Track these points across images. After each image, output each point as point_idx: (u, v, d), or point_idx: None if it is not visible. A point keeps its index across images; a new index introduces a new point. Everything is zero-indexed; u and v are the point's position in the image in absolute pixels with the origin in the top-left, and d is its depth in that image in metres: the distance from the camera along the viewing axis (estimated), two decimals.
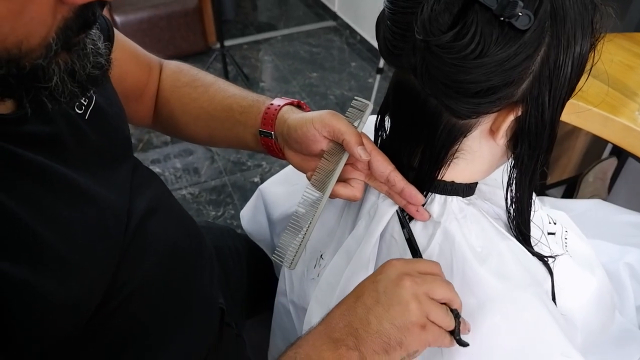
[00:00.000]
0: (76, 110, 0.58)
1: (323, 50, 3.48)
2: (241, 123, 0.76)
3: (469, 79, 0.46)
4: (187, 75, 0.84)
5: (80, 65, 0.47)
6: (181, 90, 0.82)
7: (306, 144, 0.64)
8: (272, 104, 0.72)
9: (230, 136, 0.79)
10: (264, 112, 0.72)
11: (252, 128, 0.74)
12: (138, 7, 2.98)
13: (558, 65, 0.48)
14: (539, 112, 0.50)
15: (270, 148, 0.73)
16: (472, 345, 0.53)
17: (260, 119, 0.72)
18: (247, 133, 0.75)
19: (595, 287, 0.74)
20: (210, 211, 2.19)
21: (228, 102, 0.78)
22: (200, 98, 0.80)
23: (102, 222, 0.56)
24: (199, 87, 0.81)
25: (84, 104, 0.59)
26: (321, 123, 0.62)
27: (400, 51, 0.51)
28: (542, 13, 0.45)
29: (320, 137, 0.63)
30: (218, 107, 0.79)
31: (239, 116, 0.76)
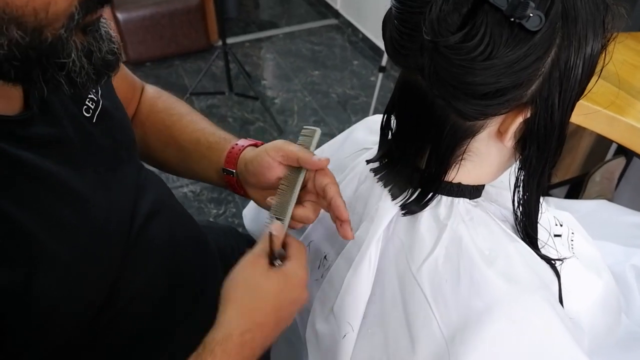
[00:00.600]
0: (84, 113, 0.59)
1: (325, 48, 3.47)
2: (206, 158, 0.78)
3: (477, 80, 0.45)
4: (165, 102, 0.86)
5: (97, 47, 0.48)
6: (157, 116, 0.84)
7: (262, 173, 0.67)
8: (237, 144, 0.76)
9: (195, 168, 0.81)
10: (228, 151, 0.75)
11: (217, 164, 0.76)
12: (140, 5, 2.98)
13: (569, 66, 0.47)
14: (548, 113, 0.50)
15: (232, 186, 0.76)
16: (479, 350, 0.52)
17: (224, 157, 0.75)
18: (211, 168, 0.78)
19: (602, 289, 0.74)
20: (211, 209, 2.19)
21: (196, 135, 0.81)
22: (173, 127, 0.82)
23: (105, 224, 0.57)
24: (174, 115, 0.84)
25: (92, 108, 0.60)
26: (274, 149, 0.65)
27: (407, 51, 0.50)
28: (554, 14, 0.44)
29: (275, 163, 0.65)
30: (187, 139, 0.81)
31: (206, 151, 0.79)
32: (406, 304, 0.59)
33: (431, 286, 0.57)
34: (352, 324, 0.61)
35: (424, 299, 0.57)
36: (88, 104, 0.60)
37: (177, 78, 3.11)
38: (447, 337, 0.55)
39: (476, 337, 0.53)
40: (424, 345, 0.56)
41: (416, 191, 0.60)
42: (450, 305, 0.56)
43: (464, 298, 0.55)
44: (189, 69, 3.20)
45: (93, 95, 0.62)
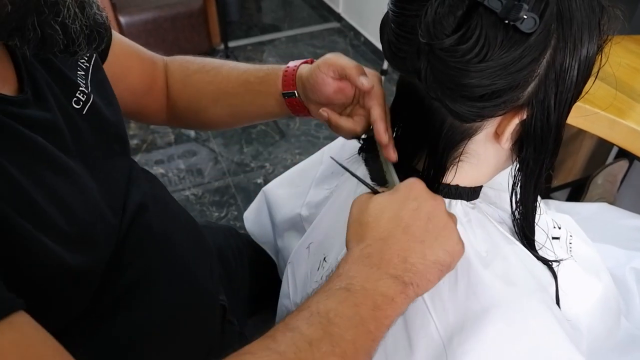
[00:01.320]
0: (74, 105, 0.60)
1: (327, 51, 3.42)
2: (262, 92, 0.78)
3: (473, 82, 0.46)
4: (195, 63, 0.86)
5: (88, 3, 0.50)
6: (193, 77, 0.84)
7: (318, 89, 0.68)
8: (289, 67, 0.76)
9: (252, 109, 0.81)
10: (283, 76, 0.75)
11: (275, 94, 0.77)
12: (143, 8, 2.99)
13: (564, 68, 0.47)
14: (544, 115, 0.50)
15: (295, 107, 0.76)
16: (477, 352, 0.53)
17: (280, 83, 0.76)
18: (270, 100, 0.78)
19: (601, 292, 0.74)
20: (213, 212, 2.19)
21: (245, 77, 0.81)
22: (215, 80, 0.82)
23: (97, 208, 0.58)
24: (210, 70, 0.84)
25: (82, 100, 0.61)
26: (325, 65, 0.67)
27: (404, 54, 0.50)
28: (548, 16, 0.44)
29: (328, 79, 0.67)
30: (235, 84, 0.81)
31: (259, 86, 0.79)
32: None
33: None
34: None
35: (422, 301, 0.57)
36: (78, 96, 0.61)
37: None
38: (445, 339, 0.55)
39: (474, 339, 0.53)
40: (422, 347, 0.56)
41: None
42: (447, 307, 0.56)
43: (461, 300, 0.55)
44: None
45: (83, 88, 0.63)
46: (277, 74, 0.77)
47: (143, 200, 0.69)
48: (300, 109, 0.76)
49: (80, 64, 0.64)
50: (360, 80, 0.63)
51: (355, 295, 0.46)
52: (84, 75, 0.65)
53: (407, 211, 0.51)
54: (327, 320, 0.44)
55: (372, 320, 0.46)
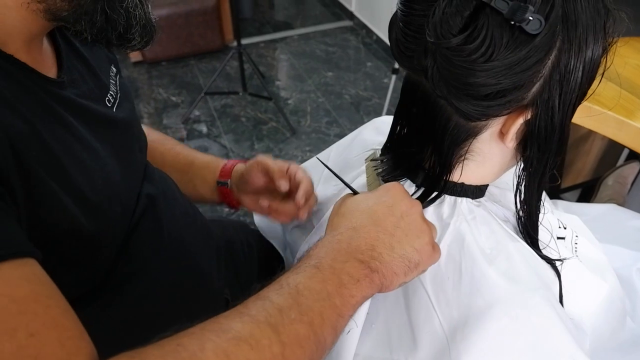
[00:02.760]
0: (105, 102, 0.67)
1: (339, 49, 3.48)
2: (199, 176, 0.91)
3: (478, 81, 0.46)
4: (157, 134, 0.98)
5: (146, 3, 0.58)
6: (151, 145, 0.91)
7: (253, 182, 0.83)
8: (228, 162, 0.90)
9: (188, 188, 0.91)
10: (222, 167, 0.90)
11: (210, 181, 0.90)
12: (157, 5, 3.01)
13: (569, 69, 0.48)
14: (548, 115, 0.51)
15: (224, 195, 0.90)
16: (479, 347, 0.53)
17: (219, 172, 0.89)
18: (205, 184, 0.91)
19: (606, 292, 0.74)
20: (223, 207, 2.20)
21: (190, 158, 0.94)
22: (167, 153, 0.94)
23: (116, 187, 0.63)
24: (167, 143, 0.96)
25: (112, 101, 0.69)
26: (256, 163, 0.82)
27: (412, 53, 0.51)
28: (554, 17, 0.45)
29: (259, 174, 0.81)
30: (182, 162, 0.93)
31: (200, 170, 0.92)
32: (409, 300, 0.60)
33: (433, 283, 0.59)
34: (356, 320, 0.62)
35: (426, 295, 0.58)
36: (109, 97, 0.68)
37: (192, 77, 3.14)
38: (448, 333, 0.56)
39: (476, 334, 0.54)
40: (426, 341, 0.57)
41: (420, 189, 0.61)
42: (451, 302, 0.57)
43: (465, 296, 0.56)
44: (204, 68, 3.24)
45: (113, 92, 0.70)
46: (218, 164, 0.90)
47: (155, 194, 0.74)
48: (229, 198, 0.89)
49: (111, 75, 0.72)
50: (279, 183, 0.77)
51: (323, 272, 0.49)
52: (114, 83, 0.72)
53: (381, 206, 0.54)
54: (296, 292, 0.47)
55: (337, 296, 0.48)
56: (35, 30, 0.55)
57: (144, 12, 0.57)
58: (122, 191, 0.65)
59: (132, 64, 3.20)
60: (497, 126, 0.54)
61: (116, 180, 0.63)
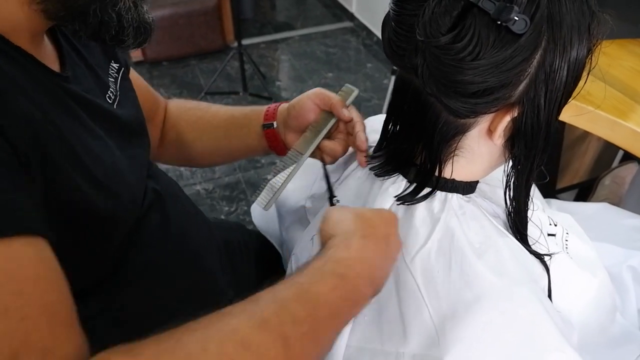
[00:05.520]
0: (107, 99, 0.68)
1: (339, 50, 3.49)
2: (244, 126, 0.89)
3: (466, 79, 0.48)
4: (192, 102, 0.99)
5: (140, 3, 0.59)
6: (188, 112, 0.95)
7: (302, 115, 0.79)
8: (271, 105, 0.88)
9: (234, 143, 0.92)
10: (266, 111, 0.87)
11: (256, 127, 0.87)
12: (159, 5, 3.03)
13: (554, 69, 0.49)
14: (534, 113, 0.52)
15: (271, 139, 0.86)
16: (467, 338, 0.55)
17: (262, 117, 0.87)
18: (251, 133, 0.88)
19: (596, 288, 0.75)
20: (223, 207, 2.22)
21: (230, 113, 0.93)
22: (205, 115, 0.94)
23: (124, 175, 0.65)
24: (203, 108, 0.96)
25: (112, 97, 0.70)
26: (314, 94, 0.78)
27: (403, 51, 0.53)
28: (539, 18, 0.46)
29: (314, 106, 0.78)
30: (222, 118, 0.93)
31: (242, 120, 0.90)
32: (399, 292, 0.61)
33: (423, 276, 0.60)
34: None
35: (417, 288, 0.60)
36: (109, 93, 0.69)
37: (193, 78, 3.16)
38: (438, 325, 0.58)
39: (465, 326, 0.55)
40: (416, 332, 0.59)
41: (412, 185, 0.63)
42: (441, 295, 0.59)
43: (454, 289, 0.57)
44: (205, 69, 3.25)
45: (112, 90, 0.71)
46: (261, 110, 0.88)
47: (160, 190, 0.76)
48: (276, 141, 0.86)
49: (110, 72, 0.73)
50: (343, 112, 0.75)
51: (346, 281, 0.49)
52: (114, 81, 0.72)
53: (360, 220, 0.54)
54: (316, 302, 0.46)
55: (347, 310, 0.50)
56: (38, 27, 0.56)
57: (137, 14, 0.59)
58: (129, 181, 0.66)
59: (134, 64, 3.21)
60: (485, 123, 0.55)
61: (124, 169, 0.65)
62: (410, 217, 0.63)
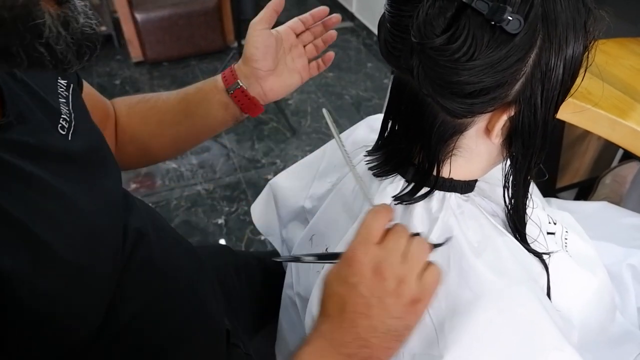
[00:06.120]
0: (60, 131, 0.59)
1: (340, 50, 3.50)
2: (204, 101, 0.82)
3: (462, 80, 0.48)
4: (136, 96, 0.89)
5: (72, 17, 0.47)
6: (137, 107, 0.86)
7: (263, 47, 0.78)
8: (225, 71, 0.81)
9: (197, 122, 0.83)
10: (222, 76, 0.80)
11: (217, 95, 0.80)
12: (159, 5, 3.03)
13: (550, 67, 0.49)
14: (531, 112, 0.52)
15: (242, 99, 0.80)
16: (466, 338, 0.55)
17: (221, 83, 0.80)
18: (214, 104, 0.81)
19: (596, 287, 0.75)
20: (224, 207, 2.22)
21: (182, 93, 0.84)
22: (156, 105, 0.85)
23: (95, 227, 0.57)
24: (150, 99, 0.86)
25: (66, 127, 0.60)
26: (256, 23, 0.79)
27: (399, 52, 0.53)
28: (533, 17, 0.46)
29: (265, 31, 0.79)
30: (175, 102, 0.84)
31: (200, 94, 0.82)
32: None
33: None
34: None
35: None
36: (62, 123, 0.60)
37: (193, 78, 3.16)
38: (437, 324, 0.58)
39: (464, 326, 0.55)
40: (415, 332, 0.59)
41: (410, 185, 0.63)
42: (440, 294, 0.59)
43: (453, 288, 0.57)
44: (205, 69, 3.25)
45: (65, 115, 0.61)
46: (216, 78, 0.81)
47: (141, 227, 0.69)
48: (248, 99, 0.79)
49: (60, 92, 0.63)
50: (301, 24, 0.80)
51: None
52: (65, 102, 0.63)
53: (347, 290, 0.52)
54: None
55: None
56: None
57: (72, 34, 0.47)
58: (103, 232, 0.59)
59: (134, 64, 3.22)
60: (482, 123, 0.55)
61: (93, 222, 0.57)
62: (409, 217, 0.63)
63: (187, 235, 2.10)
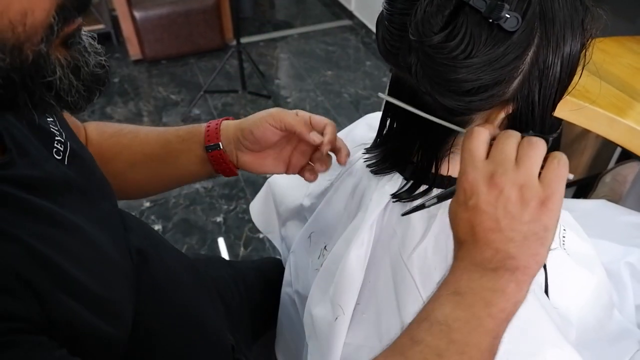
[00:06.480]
0: (55, 156, 0.56)
1: (339, 48, 3.50)
2: (184, 151, 0.77)
3: (460, 77, 0.48)
4: (110, 127, 0.82)
5: (83, 61, 0.45)
6: (110, 140, 0.80)
7: (263, 139, 0.71)
8: (210, 123, 0.76)
9: (172, 171, 0.79)
10: (206, 130, 0.75)
11: (196, 150, 0.76)
12: (157, 3, 3.03)
13: (547, 65, 0.49)
14: (529, 110, 0.52)
15: (218, 161, 0.75)
16: None
17: (204, 138, 0.75)
18: (191, 158, 0.76)
19: (594, 285, 0.75)
20: (222, 205, 2.23)
21: (165, 137, 0.78)
22: (132, 143, 0.79)
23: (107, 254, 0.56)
24: (127, 134, 0.80)
25: (61, 150, 0.58)
26: (270, 116, 0.70)
27: (397, 50, 0.53)
28: (530, 15, 0.46)
29: (272, 128, 0.69)
30: (155, 146, 0.78)
31: (180, 145, 0.77)
32: (397, 289, 0.62)
33: (421, 273, 0.60)
34: (342, 306, 0.64)
35: (414, 284, 0.60)
36: (57, 146, 0.58)
37: (192, 76, 3.16)
38: None
39: None
40: None
41: (408, 182, 0.63)
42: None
43: None
44: (204, 67, 3.25)
45: (60, 137, 0.59)
46: (200, 130, 0.76)
47: (141, 246, 0.67)
48: (224, 162, 0.75)
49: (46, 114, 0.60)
50: (312, 137, 0.67)
51: (465, 297, 0.47)
52: (53, 121, 0.61)
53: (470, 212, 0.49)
54: (447, 328, 0.45)
55: (488, 318, 0.46)
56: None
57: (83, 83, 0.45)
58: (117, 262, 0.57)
59: (132, 62, 3.22)
60: (480, 120, 0.55)
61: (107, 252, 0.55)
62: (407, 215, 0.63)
63: (185, 234, 2.10)
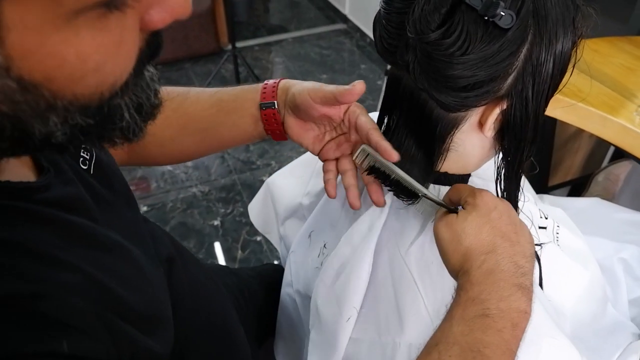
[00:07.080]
0: (81, 165, 0.54)
1: (333, 52, 3.51)
2: (236, 109, 0.73)
3: (456, 74, 0.49)
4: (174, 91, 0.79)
5: (145, 98, 0.44)
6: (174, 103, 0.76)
7: (305, 111, 0.67)
8: (268, 81, 0.73)
9: (224, 131, 0.76)
10: (263, 88, 0.72)
11: (250, 109, 0.72)
12: None
13: (540, 62, 0.51)
14: (523, 105, 0.54)
15: (270, 120, 0.71)
16: None
17: (259, 95, 0.71)
18: (244, 117, 0.73)
19: (588, 280, 0.77)
20: (219, 209, 2.23)
21: (217, 96, 0.75)
22: (182, 106, 0.76)
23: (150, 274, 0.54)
24: (176, 97, 0.76)
25: (87, 158, 0.56)
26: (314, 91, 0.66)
27: (394, 48, 0.54)
28: (524, 12, 0.48)
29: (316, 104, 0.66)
30: (206, 106, 0.75)
31: (233, 103, 0.74)
32: (395, 284, 0.63)
33: (418, 267, 0.61)
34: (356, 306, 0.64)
35: (412, 279, 0.61)
36: (83, 155, 0.56)
37: (187, 81, 3.16)
38: (432, 314, 0.59)
39: None
40: (412, 323, 0.60)
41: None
42: (436, 285, 0.60)
43: (448, 278, 0.58)
44: (199, 71, 3.26)
45: None
46: (256, 89, 0.73)
47: (168, 254, 0.66)
48: (276, 123, 0.71)
49: None
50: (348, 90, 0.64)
51: (495, 320, 0.48)
52: None
53: (496, 221, 0.54)
54: (480, 355, 0.46)
55: (513, 340, 0.48)
56: None
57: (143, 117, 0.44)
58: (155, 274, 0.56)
59: None
60: (476, 117, 0.57)
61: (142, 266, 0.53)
62: (404, 210, 0.64)
63: (183, 237, 2.10)
